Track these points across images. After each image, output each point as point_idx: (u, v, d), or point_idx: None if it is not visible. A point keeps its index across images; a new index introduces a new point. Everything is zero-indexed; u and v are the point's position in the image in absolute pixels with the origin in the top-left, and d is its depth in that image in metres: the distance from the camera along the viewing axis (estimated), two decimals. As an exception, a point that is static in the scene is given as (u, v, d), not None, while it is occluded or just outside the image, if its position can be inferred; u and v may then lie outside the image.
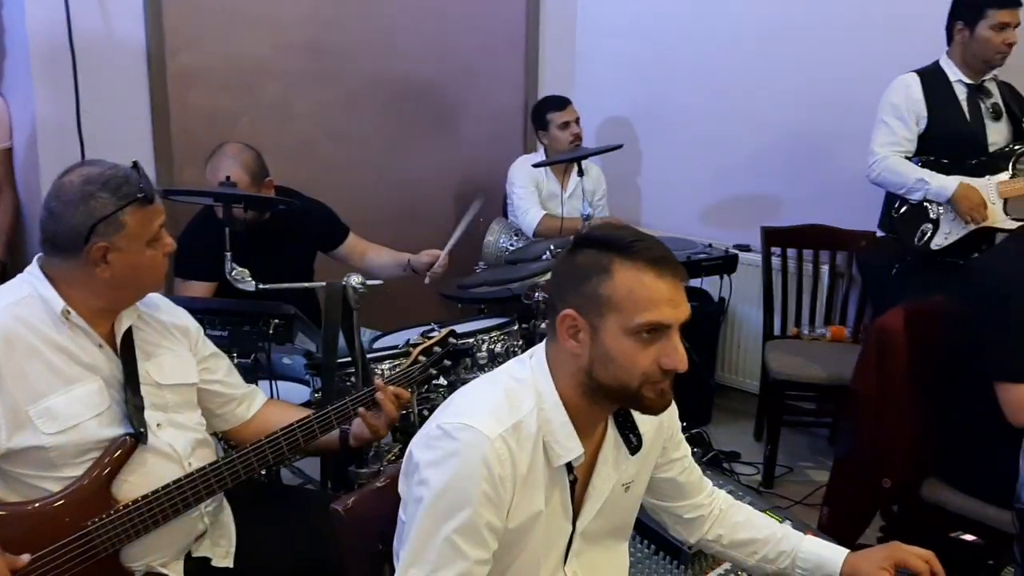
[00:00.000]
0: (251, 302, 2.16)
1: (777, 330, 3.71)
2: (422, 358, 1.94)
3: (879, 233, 3.34)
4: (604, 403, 1.39)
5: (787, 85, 3.80)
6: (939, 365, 2.48)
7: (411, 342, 2.10)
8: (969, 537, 2.74)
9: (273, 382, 2.17)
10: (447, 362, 1.99)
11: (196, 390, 1.84)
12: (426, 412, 2.56)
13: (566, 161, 3.43)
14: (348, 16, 3.65)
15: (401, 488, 1.40)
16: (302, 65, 3.57)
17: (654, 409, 1.37)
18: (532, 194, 3.78)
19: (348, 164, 3.77)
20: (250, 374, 2.11)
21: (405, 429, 2.49)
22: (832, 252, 3.67)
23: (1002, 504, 2.30)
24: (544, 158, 3.79)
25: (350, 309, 2.09)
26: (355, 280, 2.09)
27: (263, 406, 1.98)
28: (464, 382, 2.55)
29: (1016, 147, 3.04)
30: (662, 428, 1.54)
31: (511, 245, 3.81)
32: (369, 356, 2.31)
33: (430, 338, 2.00)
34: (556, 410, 1.37)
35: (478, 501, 1.28)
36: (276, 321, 2.12)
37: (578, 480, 1.43)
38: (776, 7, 3.78)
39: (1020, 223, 2.95)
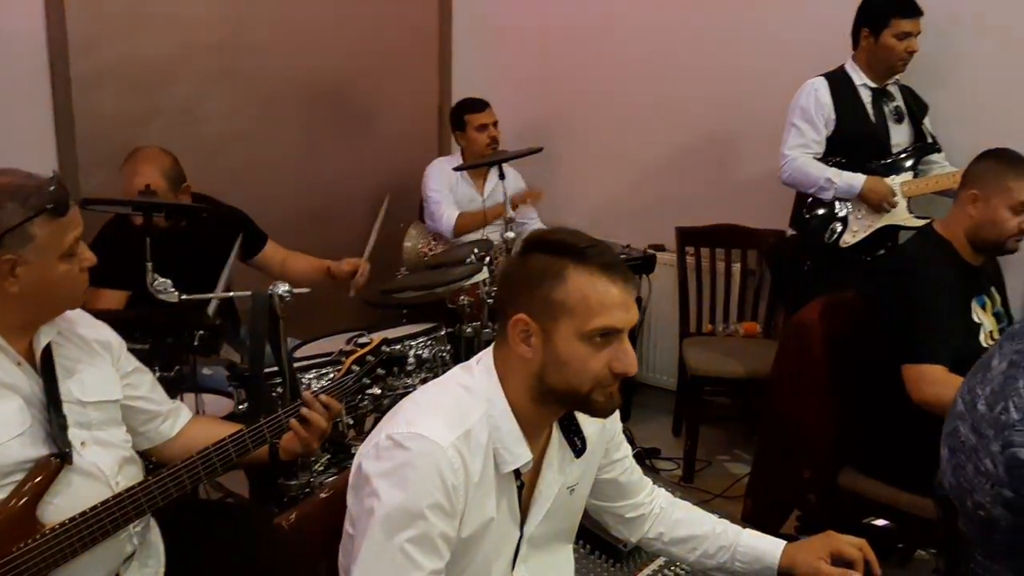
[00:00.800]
0: (175, 313, 2.08)
1: (693, 328, 3.79)
2: (355, 367, 1.91)
3: (789, 231, 3.46)
4: (553, 407, 1.40)
5: (698, 89, 3.89)
6: (852, 357, 2.58)
7: (343, 351, 2.06)
8: (881, 522, 2.87)
9: (198, 395, 2.10)
10: (381, 370, 1.96)
11: (120, 407, 1.77)
12: (351, 421, 2.53)
13: (488, 164, 3.44)
14: (260, 15, 3.58)
15: (349, 501, 1.37)
16: (213, 66, 3.48)
17: (603, 412, 1.38)
18: (447, 196, 3.77)
19: (262, 167, 3.69)
20: (174, 388, 2.04)
21: (334, 439, 2.45)
22: (744, 250, 3.77)
23: (915, 490, 2.42)
24: (461, 160, 3.78)
25: (277, 318, 2.05)
26: (282, 288, 2.04)
27: (188, 423, 1.91)
28: (392, 389, 2.55)
29: (918, 147, 3.18)
30: (604, 430, 1.55)
31: (429, 249, 3.80)
32: (297, 365, 2.26)
33: (362, 346, 1.96)
34: (505, 417, 1.37)
35: (432, 511, 1.27)
36: (201, 332, 2.05)
37: (524, 485, 1.43)
38: (686, 13, 3.87)
39: (924, 220, 3.09)
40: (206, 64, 3.46)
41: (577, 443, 1.47)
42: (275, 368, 2.14)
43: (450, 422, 1.33)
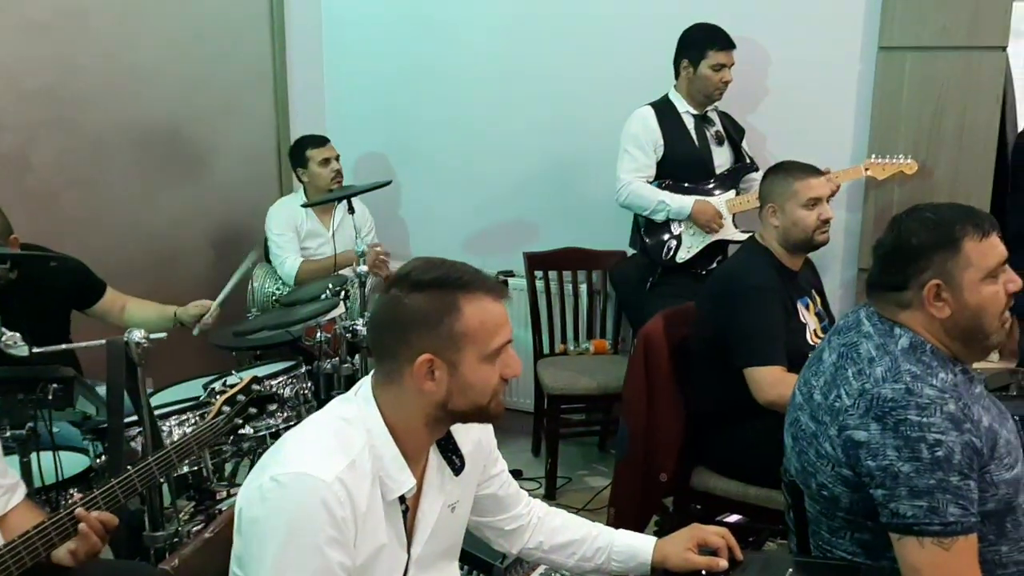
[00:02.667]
0: (24, 367, 1.99)
1: (546, 348, 3.91)
2: (226, 408, 1.88)
3: (630, 251, 3.64)
4: (441, 429, 1.46)
5: (536, 120, 4.04)
6: (692, 362, 2.75)
7: (213, 391, 2.02)
8: (733, 518, 3.04)
9: (56, 454, 2.00)
10: (252, 409, 1.94)
11: None
12: (211, 467, 2.47)
13: (336, 199, 3.44)
14: (89, 60, 3.45)
15: (237, 544, 1.36)
16: (39, 113, 3.32)
17: (497, 417, 1.46)
18: (290, 240, 3.74)
19: (95, 214, 3.54)
20: (26, 447, 1.94)
21: (198, 485, 2.39)
22: (589, 272, 3.93)
23: (761, 483, 2.60)
24: (304, 198, 3.77)
25: (134, 366, 1.99)
26: (138, 335, 1.99)
27: (18, 504, 1.75)
28: (256, 429, 2.51)
29: (738, 167, 3.44)
30: (481, 446, 1.61)
31: (277, 289, 3.75)
32: (162, 412, 2.20)
33: (231, 386, 1.94)
34: (387, 444, 1.40)
35: (326, 545, 1.29)
36: (55, 386, 1.96)
37: (409, 509, 1.47)
38: (523, 47, 4.01)
39: (748, 233, 3.33)
40: (33, 112, 3.30)
41: (456, 461, 1.53)
42: (134, 418, 2.08)
43: (332, 456, 1.35)
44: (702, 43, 3.29)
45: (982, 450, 1.58)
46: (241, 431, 1.94)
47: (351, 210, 3.27)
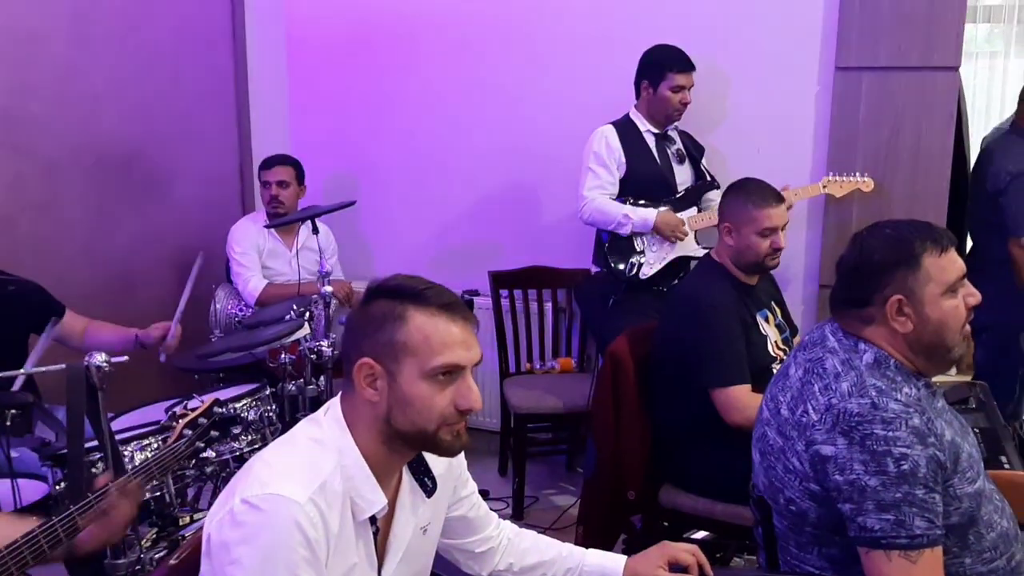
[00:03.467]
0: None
1: (512, 367, 3.90)
2: (188, 431, 1.85)
3: (593, 269, 3.66)
4: (403, 450, 1.43)
5: (498, 140, 4.06)
6: (656, 380, 2.77)
7: (175, 414, 1.98)
8: (700, 535, 3.06)
9: (14, 481, 1.95)
10: (214, 433, 1.90)
11: None
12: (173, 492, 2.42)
13: (299, 220, 3.41)
14: (43, 83, 3.39)
15: (204, 570, 1.34)
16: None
17: (451, 451, 1.42)
18: (253, 261, 3.71)
19: (52, 237, 3.47)
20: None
21: (160, 511, 2.34)
22: (554, 290, 3.95)
23: (728, 500, 2.61)
24: (267, 217, 3.74)
25: (95, 390, 1.95)
26: (99, 359, 1.95)
27: None
28: (219, 453, 2.47)
29: (699, 185, 3.47)
30: (452, 468, 1.60)
31: (240, 310, 3.71)
32: (124, 436, 2.15)
33: (192, 409, 1.90)
34: (357, 465, 1.39)
35: (299, 567, 1.27)
36: (13, 412, 1.92)
37: (380, 530, 1.45)
38: (482, 68, 4.04)
39: (710, 250, 3.37)
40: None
41: (428, 483, 1.51)
42: (94, 443, 2.03)
43: (304, 477, 1.33)
44: (662, 64, 3.34)
45: (945, 464, 1.61)
46: (203, 455, 1.90)
47: (315, 230, 3.25)
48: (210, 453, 1.93)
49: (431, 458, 1.52)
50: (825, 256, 3.58)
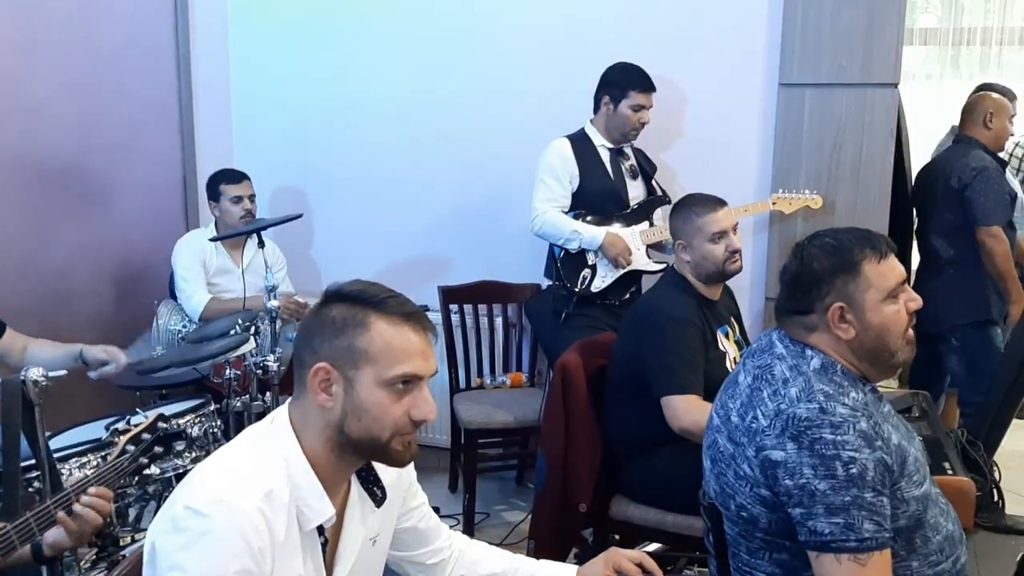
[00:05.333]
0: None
1: (462, 383, 3.88)
2: (130, 447, 1.79)
3: (544, 284, 3.66)
4: (352, 458, 1.40)
5: (448, 154, 4.04)
6: (609, 392, 2.77)
7: (117, 430, 1.92)
8: (652, 547, 3.05)
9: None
10: (158, 448, 1.85)
11: None
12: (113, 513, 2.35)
13: (245, 233, 3.36)
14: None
15: (146, 580, 1.30)
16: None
17: (402, 461, 1.40)
18: (197, 275, 3.63)
19: (-11, 253, 3.38)
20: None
21: (100, 531, 2.27)
22: (504, 305, 3.93)
23: (679, 510, 2.62)
24: (215, 231, 3.68)
25: (31, 406, 1.89)
26: (35, 374, 1.89)
27: None
28: (163, 470, 2.41)
29: (651, 200, 3.50)
30: (401, 478, 1.57)
31: (183, 326, 3.63)
32: (64, 454, 2.08)
33: (135, 425, 1.85)
34: (304, 473, 1.36)
35: None
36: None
37: (328, 541, 1.42)
38: (432, 82, 4.03)
39: (661, 264, 3.40)
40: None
41: (377, 493, 1.49)
42: (31, 462, 1.96)
43: (249, 484, 1.30)
44: (625, 82, 3.34)
45: (892, 467, 1.63)
46: (147, 471, 1.85)
47: (261, 244, 3.20)
48: (154, 469, 1.87)
49: (380, 468, 1.49)
50: (771, 270, 3.62)
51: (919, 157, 4.02)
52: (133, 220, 3.98)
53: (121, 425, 1.98)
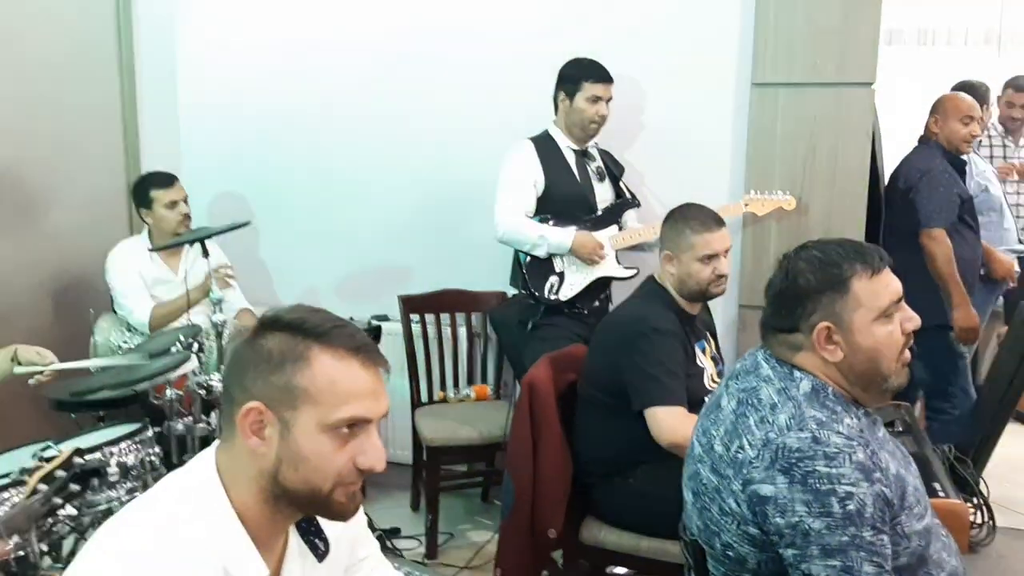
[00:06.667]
0: None
1: (424, 396, 3.70)
2: (42, 486, 1.59)
3: (510, 292, 3.50)
4: (288, 511, 1.22)
5: (406, 160, 3.87)
6: (581, 409, 2.62)
7: (25, 468, 1.72)
8: (620, 571, 2.91)
9: None
10: (74, 486, 1.65)
11: None
12: (44, 547, 2.16)
13: (189, 242, 3.15)
14: None
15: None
16: None
17: (344, 514, 1.23)
18: (136, 285, 3.40)
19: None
20: None
21: (23, 572, 2.07)
22: (467, 314, 3.76)
23: (654, 535, 2.47)
24: (148, 240, 3.47)
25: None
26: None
27: None
28: (93, 506, 2.20)
29: (620, 203, 3.35)
30: (348, 526, 1.39)
31: (124, 342, 3.41)
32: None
33: (48, 460, 1.65)
34: (232, 527, 1.18)
35: None
36: None
37: (264, 603, 1.24)
38: (388, 85, 3.85)
39: (631, 270, 3.26)
40: None
41: (319, 545, 1.31)
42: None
43: (163, 544, 1.12)
44: (578, 75, 3.22)
45: (892, 500, 1.48)
46: (62, 511, 1.64)
47: (205, 254, 2.99)
48: (69, 510, 1.67)
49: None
50: (744, 276, 3.50)
51: (891, 157, 3.92)
52: (73, 230, 3.76)
53: (33, 461, 1.77)
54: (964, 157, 3.64)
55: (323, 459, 1.17)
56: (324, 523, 1.32)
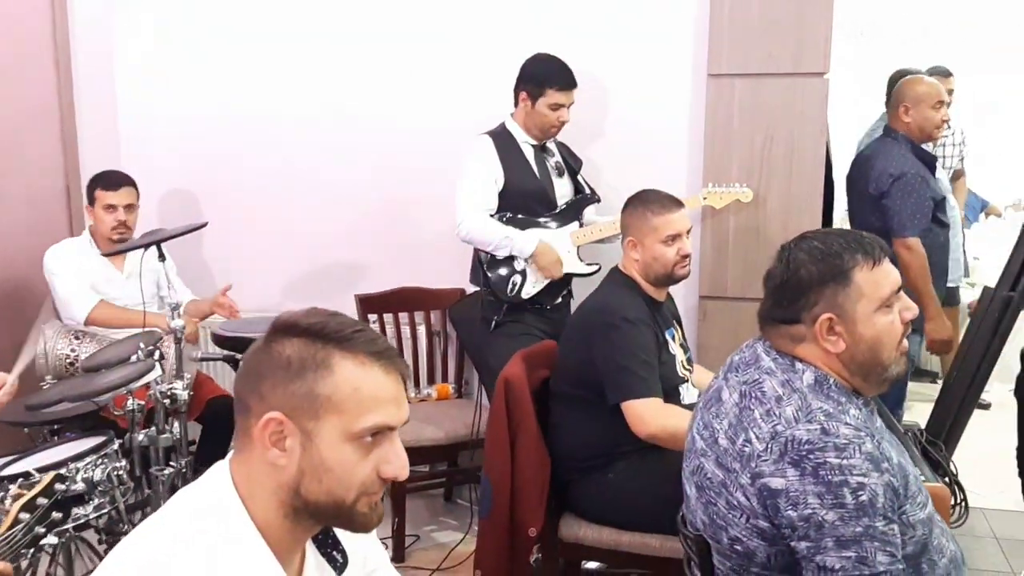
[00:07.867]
0: None
1: (385, 398, 3.63)
2: (24, 515, 1.50)
3: (469, 288, 3.45)
4: (308, 524, 1.18)
5: (360, 157, 3.78)
6: (555, 405, 2.60)
7: (10, 494, 1.62)
8: (593, 565, 2.90)
9: None
10: (57, 514, 1.55)
11: None
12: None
13: (144, 246, 3.01)
14: None
15: None
16: None
17: (367, 525, 1.18)
18: (75, 278, 3.26)
19: None
20: None
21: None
22: (426, 312, 3.70)
23: (635, 529, 2.46)
24: (91, 239, 3.33)
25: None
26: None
27: None
28: (58, 525, 2.09)
29: (580, 199, 3.33)
30: (361, 537, 1.34)
31: (72, 350, 3.26)
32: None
33: (28, 485, 1.56)
34: (255, 545, 1.12)
35: None
36: None
37: (282, 620, 1.18)
38: (342, 83, 3.76)
39: (593, 265, 3.24)
40: None
41: (337, 558, 1.26)
42: None
43: (187, 566, 1.06)
44: (543, 79, 3.14)
45: (899, 490, 1.49)
46: (44, 541, 1.54)
47: (162, 258, 2.88)
48: (52, 539, 1.56)
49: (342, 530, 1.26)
50: (704, 267, 3.51)
51: (839, 146, 3.98)
52: (11, 234, 3.59)
53: (13, 488, 1.66)
54: (935, 152, 3.60)
55: (347, 469, 1.12)
56: (341, 535, 1.27)
